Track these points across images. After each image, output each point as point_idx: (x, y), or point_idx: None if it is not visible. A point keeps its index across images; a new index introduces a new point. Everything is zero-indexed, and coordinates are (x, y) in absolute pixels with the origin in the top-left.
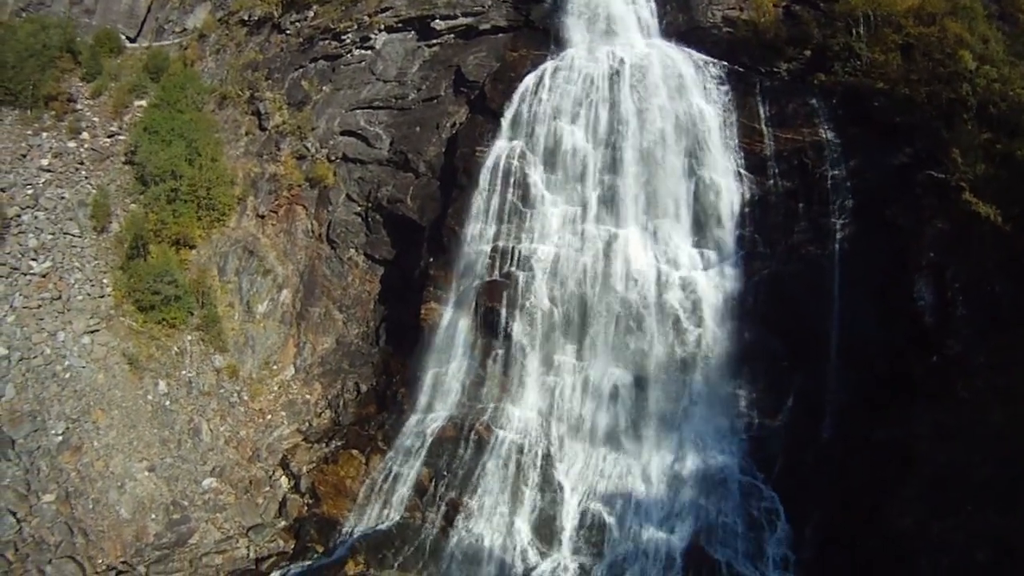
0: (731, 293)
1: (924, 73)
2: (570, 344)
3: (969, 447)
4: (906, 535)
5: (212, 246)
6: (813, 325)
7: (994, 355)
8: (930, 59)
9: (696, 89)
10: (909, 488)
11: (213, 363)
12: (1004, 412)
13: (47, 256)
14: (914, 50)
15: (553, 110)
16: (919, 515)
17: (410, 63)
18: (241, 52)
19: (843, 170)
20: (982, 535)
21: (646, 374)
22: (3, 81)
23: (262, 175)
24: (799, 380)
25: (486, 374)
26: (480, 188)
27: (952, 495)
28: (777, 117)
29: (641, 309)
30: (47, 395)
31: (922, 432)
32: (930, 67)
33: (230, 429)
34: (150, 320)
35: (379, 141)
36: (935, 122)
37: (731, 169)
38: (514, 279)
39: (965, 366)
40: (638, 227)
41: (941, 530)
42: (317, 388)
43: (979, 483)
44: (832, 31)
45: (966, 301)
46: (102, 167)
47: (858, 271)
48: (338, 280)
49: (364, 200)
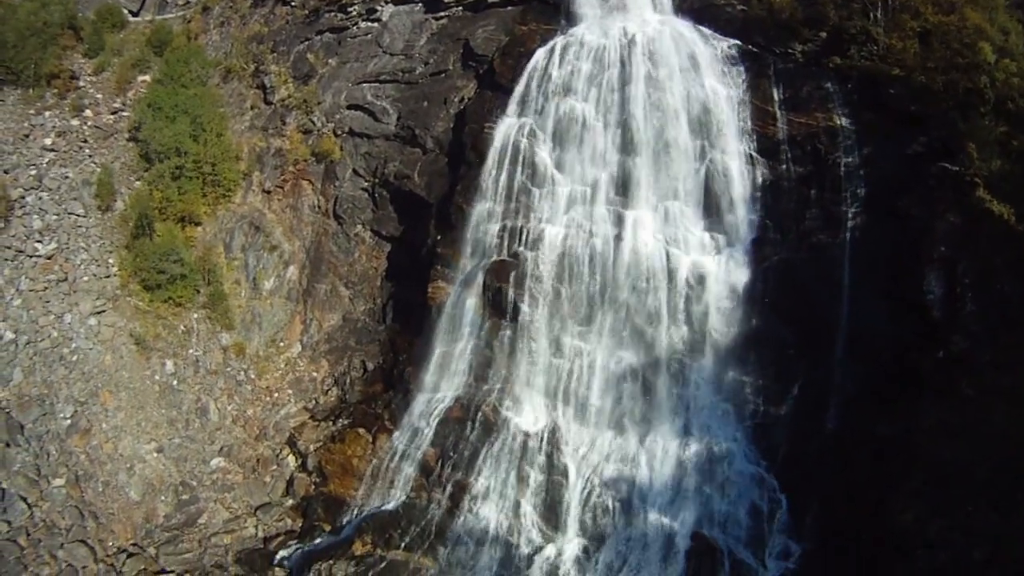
0: (741, 279)
1: (941, 62)
2: (578, 326)
3: (972, 446)
4: (906, 531)
5: (218, 223)
6: (822, 314)
7: (1000, 354)
8: (948, 48)
9: (709, 69)
10: (911, 484)
11: (220, 341)
12: (1008, 412)
13: (52, 237)
14: (931, 37)
15: (563, 87)
16: (919, 511)
17: (417, 36)
18: (245, 25)
19: (856, 158)
20: (981, 534)
21: (654, 358)
22: (4, 60)
23: (268, 150)
24: (806, 369)
25: (493, 355)
26: (488, 166)
27: (953, 493)
28: (791, 100)
29: (650, 293)
30: (55, 378)
31: (926, 428)
32: (948, 56)
33: (237, 408)
34: (156, 299)
35: (386, 116)
36: (951, 112)
37: (743, 152)
38: (522, 259)
39: (971, 363)
40: (648, 209)
41: (940, 527)
42: (324, 366)
43: (980, 482)
44: (848, 13)
45: (975, 298)
46: (106, 145)
47: (868, 261)
48: (345, 256)
49: (371, 175)
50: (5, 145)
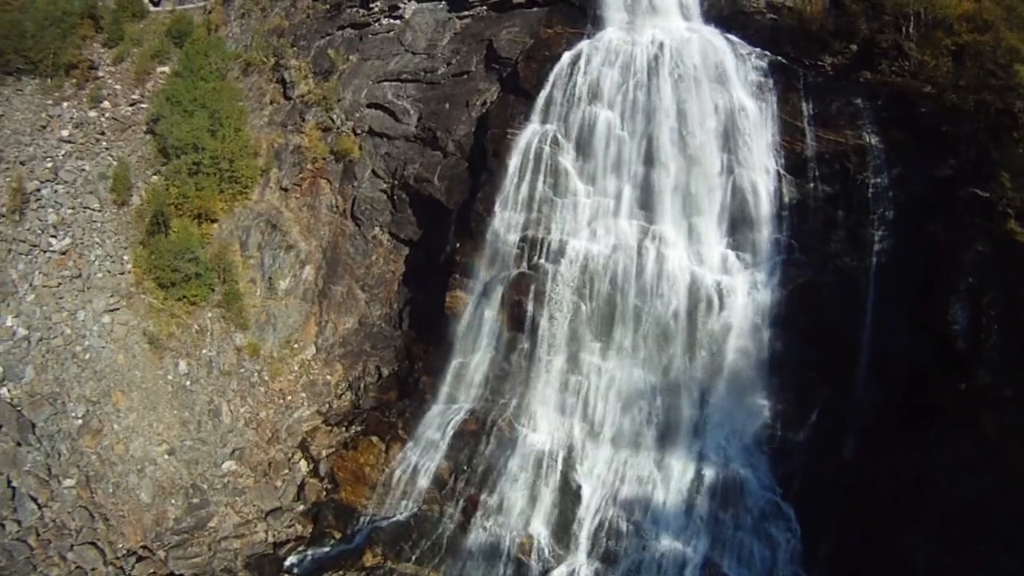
0: (764, 300)
1: (974, 81)
2: (597, 343)
3: (988, 484)
4: (916, 570)
5: (234, 219)
6: (844, 338)
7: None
8: (981, 68)
9: (737, 80)
10: (923, 520)
11: (234, 341)
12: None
13: (67, 232)
14: (965, 56)
15: (588, 94)
16: (930, 550)
17: (440, 35)
18: (266, 17)
19: (885, 178)
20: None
21: (673, 379)
22: (23, 49)
23: (286, 146)
24: (825, 394)
25: (510, 368)
26: (510, 173)
27: (966, 531)
28: (820, 116)
29: (672, 311)
30: (67, 377)
31: (943, 461)
32: (980, 76)
33: (250, 410)
34: (171, 297)
35: (407, 116)
36: (981, 135)
37: (770, 169)
38: (543, 272)
39: (993, 398)
40: (672, 224)
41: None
42: (338, 369)
43: (994, 522)
44: (880, 25)
45: (1001, 331)
46: (123, 137)
47: (893, 287)
48: (362, 258)
49: (390, 177)
50: (22, 136)
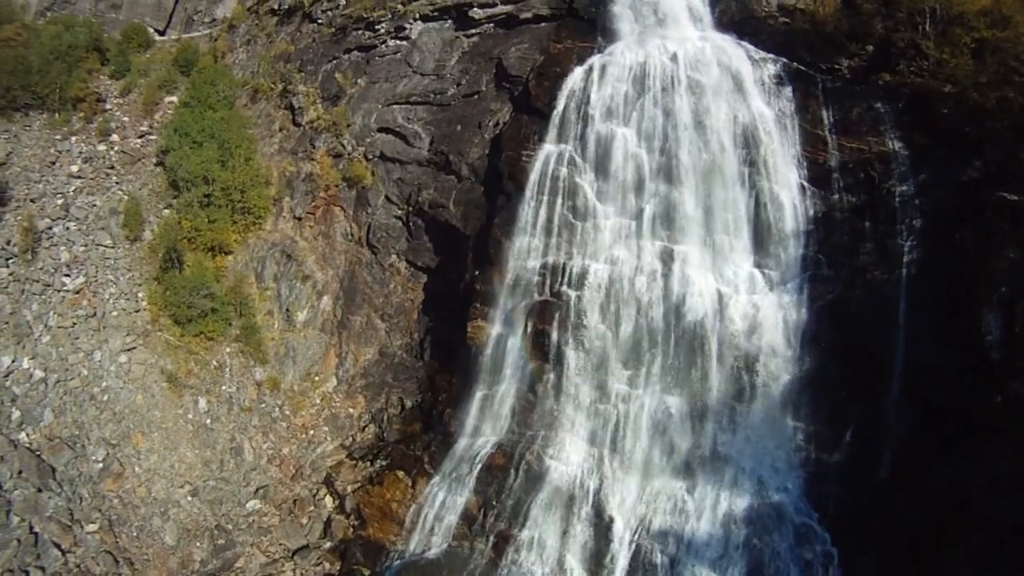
0: (794, 318)
1: (994, 76)
2: (624, 370)
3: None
4: None
5: (249, 251)
6: (876, 354)
7: None
8: (1002, 64)
9: (755, 89)
10: (963, 543)
11: (253, 376)
12: None
13: (80, 270)
14: (984, 52)
15: (603, 111)
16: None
17: (448, 55)
18: (272, 43)
19: (911, 186)
20: None
21: (703, 404)
22: (30, 85)
23: (297, 174)
24: (858, 413)
25: (536, 399)
26: (527, 197)
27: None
28: (841, 123)
29: (700, 334)
30: (86, 419)
31: (978, 480)
32: (1002, 72)
33: (272, 446)
34: (188, 333)
35: (418, 140)
36: (1006, 134)
37: (794, 181)
38: (566, 300)
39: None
40: (696, 243)
41: None
42: (360, 401)
43: None
44: (894, 23)
45: None
46: (133, 170)
47: (924, 299)
48: (380, 287)
49: (404, 203)
50: (32, 173)
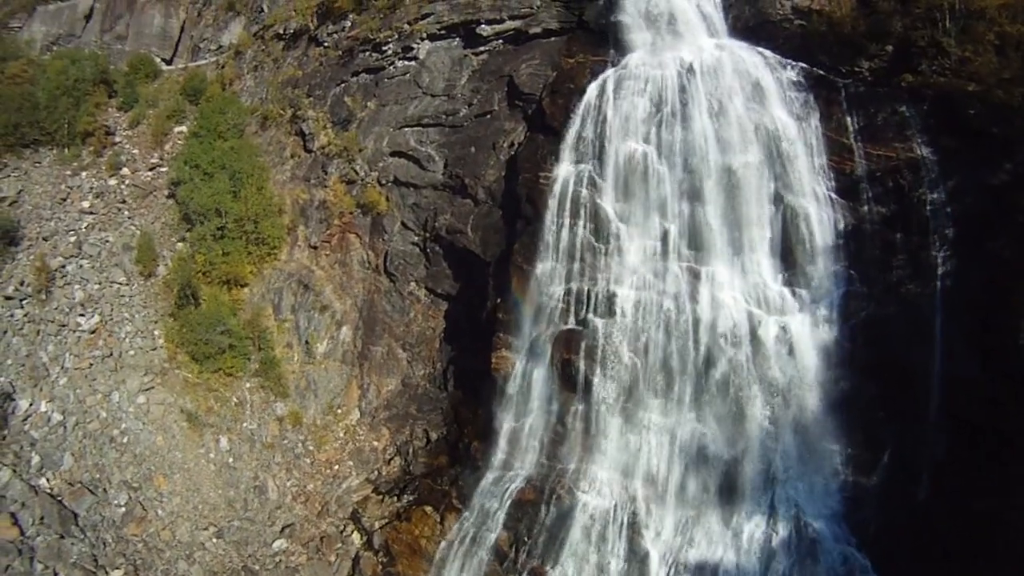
0: (827, 339)
1: (1018, 72)
2: (655, 399)
3: None
4: None
5: (265, 282)
6: (913, 372)
7: None
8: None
9: (776, 98)
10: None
11: (275, 411)
12: None
13: (95, 309)
14: (1007, 47)
15: (620, 127)
16: None
17: (458, 74)
18: (279, 68)
19: (941, 193)
20: None
21: (737, 430)
22: (38, 121)
23: (311, 202)
24: (896, 433)
25: (565, 431)
26: (547, 221)
27: None
28: (867, 130)
29: (731, 360)
30: (106, 462)
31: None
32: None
33: (297, 483)
34: (206, 370)
35: (432, 163)
36: None
37: (821, 193)
38: (592, 328)
39: None
40: (724, 263)
41: None
42: (384, 434)
43: None
44: (912, 21)
45: None
46: (145, 204)
47: (960, 311)
48: (400, 316)
49: (421, 229)
50: (43, 211)
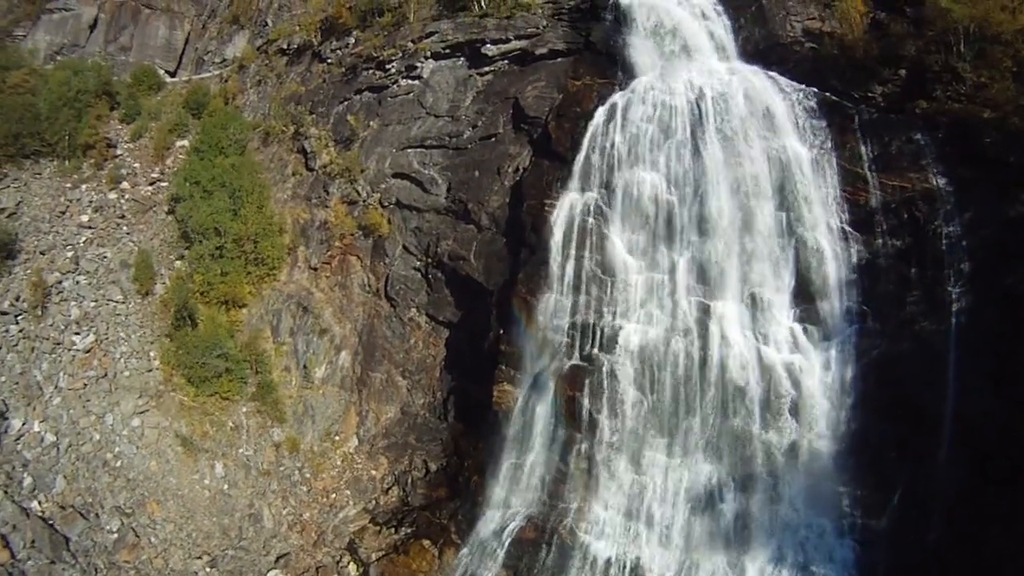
0: (839, 378)
1: None
2: (661, 439)
3: None
4: None
5: (263, 303)
6: (925, 411)
7: None
8: None
9: (788, 126)
10: None
11: (271, 437)
12: None
13: (90, 327)
14: None
15: (629, 155)
16: None
17: (462, 95)
18: (282, 84)
19: (957, 225)
20: None
21: (745, 472)
22: (39, 132)
23: (312, 222)
24: (907, 473)
25: (568, 470)
26: (553, 251)
27: None
28: (881, 159)
29: (740, 399)
30: (99, 486)
31: None
32: None
33: (293, 512)
34: (202, 393)
35: (435, 186)
36: None
37: (834, 226)
38: (597, 364)
39: None
40: (734, 298)
41: None
42: (383, 463)
43: None
44: (925, 44)
45: None
46: (144, 220)
47: (975, 349)
48: (400, 342)
49: (423, 254)
50: (42, 223)
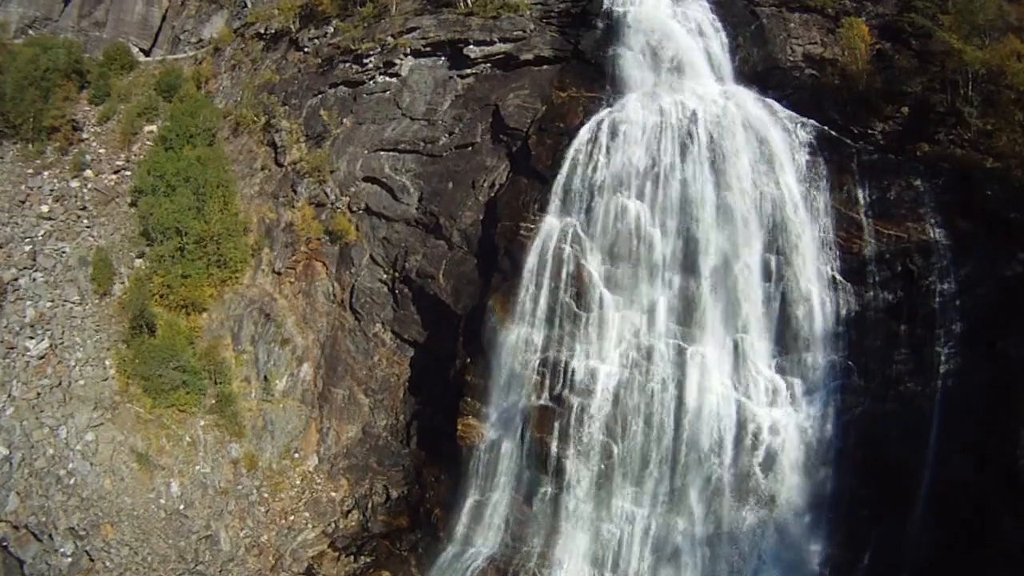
0: (818, 435)
1: None
2: (630, 487)
3: None
4: None
5: (225, 308)
6: (902, 473)
7: None
8: None
9: (784, 160)
10: None
11: (229, 453)
12: None
13: (45, 331)
14: None
15: (613, 180)
16: None
17: (441, 97)
18: (257, 70)
19: (952, 283)
20: None
21: (715, 526)
22: (2, 112)
23: (278, 222)
24: (879, 533)
25: (532, 513)
26: (525, 279)
27: None
28: (879, 204)
29: (715, 451)
30: (52, 505)
31: None
32: None
33: (250, 534)
34: (159, 405)
35: (406, 194)
36: None
37: (825, 273)
38: (567, 406)
39: None
40: (714, 342)
41: None
42: (343, 484)
43: None
44: (930, 81)
45: None
46: (106, 212)
47: (960, 413)
48: (363, 358)
49: (390, 267)
50: (1, 214)
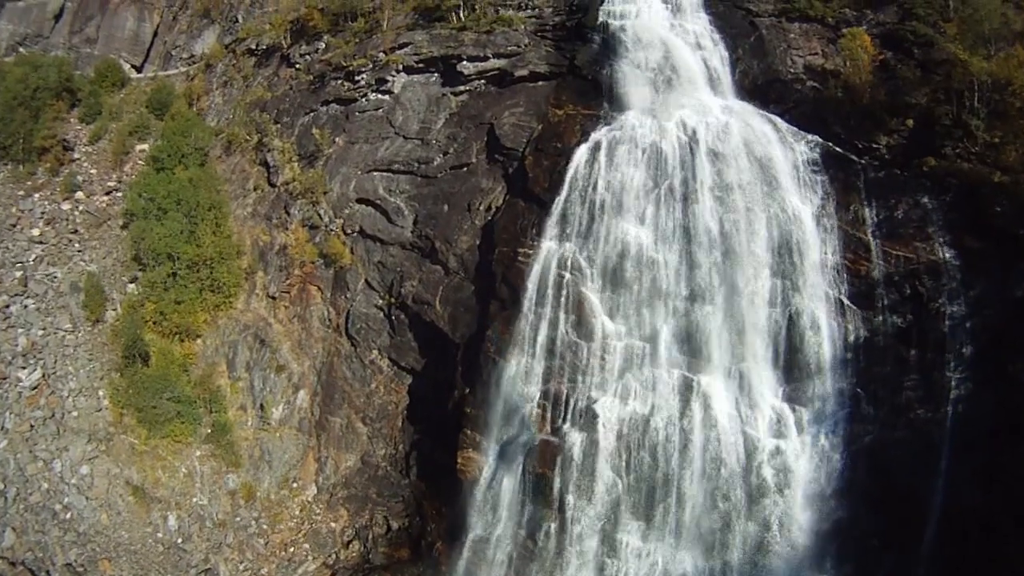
0: (827, 466)
1: None
2: (635, 522)
3: None
4: None
5: (219, 333)
6: (912, 500)
7: None
8: None
9: (789, 180)
10: None
11: (227, 484)
12: None
13: (38, 361)
14: None
15: (612, 202)
16: None
17: (434, 115)
18: (248, 87)
19: (962, 305)
20: None
21: (723, 561)
22: None
23: (271, 245)
24: (889, 563)
25: (536, 549)
26: (525, 308)
27: None
28: (886, 224)
29: (722, 484)
30: (49, 541)
31: None
32: None
33: (250, 567)
34: (154, 436)
35: (400, 217)
36: None
37: (832, 297)
38: (570, 440)
39: None
40: (720, 373)
41: None
42: (343, 515)
43: None
44: (934, 91)
45: None
46: (98, 235)
47: (970, 438)
48: (360, 385)
49: (386, 292)
50: None
